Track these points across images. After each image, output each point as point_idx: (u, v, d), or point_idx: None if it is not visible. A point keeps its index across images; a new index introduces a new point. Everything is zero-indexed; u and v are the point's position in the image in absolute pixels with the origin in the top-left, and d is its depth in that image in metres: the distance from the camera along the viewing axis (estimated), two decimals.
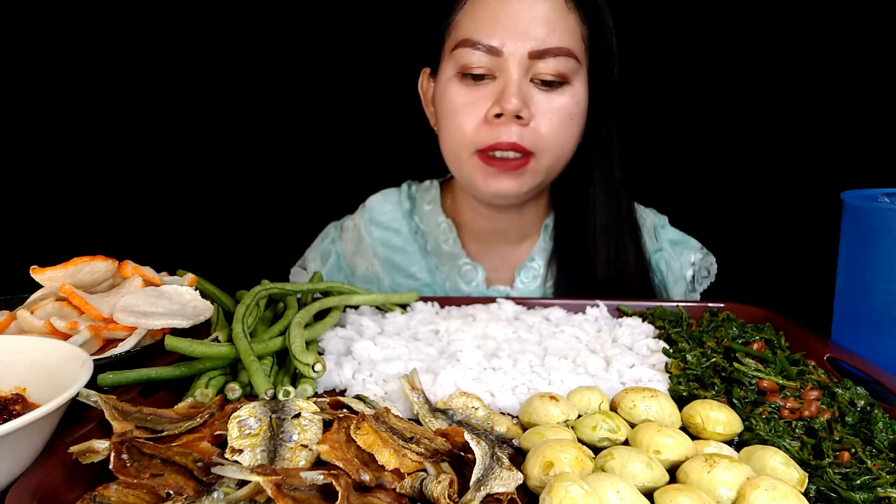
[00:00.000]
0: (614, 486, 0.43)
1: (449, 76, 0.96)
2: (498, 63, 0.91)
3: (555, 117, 0.93)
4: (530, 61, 0.91)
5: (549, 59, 0.91)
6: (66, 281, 0.70)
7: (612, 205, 1.05)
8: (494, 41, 0.90)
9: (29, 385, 0.54)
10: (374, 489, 0.45)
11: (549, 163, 0.96)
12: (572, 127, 0.96)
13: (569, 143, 0.97)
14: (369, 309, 0.85)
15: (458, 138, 0.96)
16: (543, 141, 0.93)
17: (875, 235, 0.72)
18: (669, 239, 1.14)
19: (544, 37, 0.90)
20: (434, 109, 1.04)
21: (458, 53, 0.93)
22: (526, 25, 0.90)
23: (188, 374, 0.63)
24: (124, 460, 0.45)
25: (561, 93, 0.93)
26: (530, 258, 1.08)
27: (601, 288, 1.01)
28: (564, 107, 0.93)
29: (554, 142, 0.94)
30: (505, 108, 0.89)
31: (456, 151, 0.97)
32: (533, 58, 0.90)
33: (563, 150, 0.97)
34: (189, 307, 0.72)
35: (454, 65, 0.94)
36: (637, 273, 1.05)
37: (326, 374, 0.66)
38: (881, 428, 0.55)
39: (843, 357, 0.71)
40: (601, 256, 1.04)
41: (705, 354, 0.70)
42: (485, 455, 0.45)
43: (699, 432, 0.57)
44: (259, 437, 0.48)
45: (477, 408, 0.59)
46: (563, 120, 0.94)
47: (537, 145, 0.93)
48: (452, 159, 1.00)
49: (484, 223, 1.08)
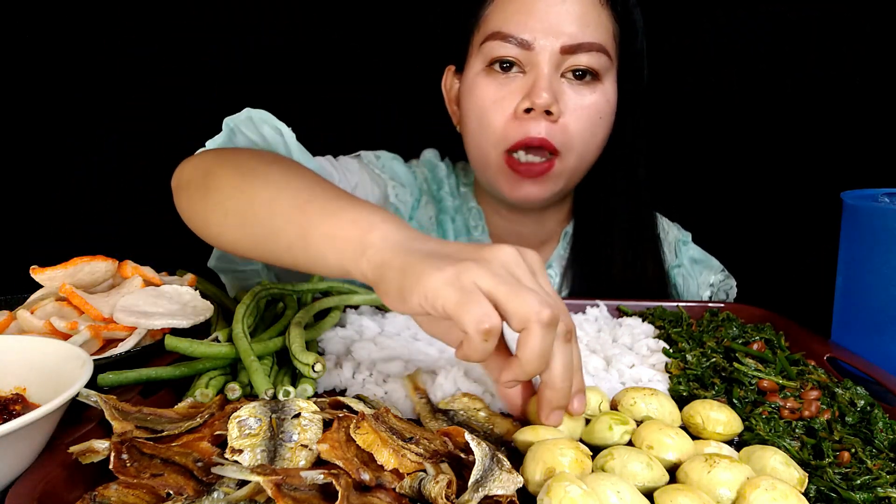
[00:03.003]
0: (614, 486, 0.43)
1: (477, 71, 0.94)
2: (529, 57, 0.90)
3: (584, 114, 0.91)
4: (562, 56, 0.89)
5: (580, 55, 0.89)
6: (66, 281, 0.70)
7: (633, 212, 1.04)
8: (526, 34, 0.89)
9: (29, 385, 0.54)
10: (374, 489, 0.45)
11: (575, 163, 0.94)
12: (601, 126, 0.94)
13: (595, 142, 0.95)
14: (369, 309, 0.85)
15: (486, 135, 0.94)
16: (571, 138, 0.91)
17: (875, 235, 0.72)
18: (691, 256, 1.12)
19: (577, 31, 0.88)
20: (458, 108, 1.02)
21: (488, 47, 0.92)
22: (558, 19, 0.88)
23: (188, 374, 0.63)
24: (124, 460, 0.45)
25: (592, 90, 0.92)
26: (547, 265, 1.07)
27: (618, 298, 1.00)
28: (594, 104, 0.92)
29: (581, 140, 0.92)
30: (535, 102, 0.88)
31: (484, 150, 0.95)
32: (565, 52, 0.89)
33: (589, 150, 0.95)
34: (189, 307, 0.72)
35: (483, 59, 0.93)
36: (655, 284, 1.04)
37: (326, 374, 0.66)
38: (881, 428, 0.55)
39: (843, 357, 0.71)
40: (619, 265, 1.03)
41: (705, 354, 0.70)
42: (485, 456, 0.45)
43: (699, 432, 0.57)
44: (259, 437, 0.48)
45: (479, 409, 0.59)
46: (592, 117, 0.92)
47: (564, 143, 0.91)
48: (479, 159, 0.98)
49: (505, 224, 1.07)
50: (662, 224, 1.13)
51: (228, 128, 0.89)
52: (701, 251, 1.13)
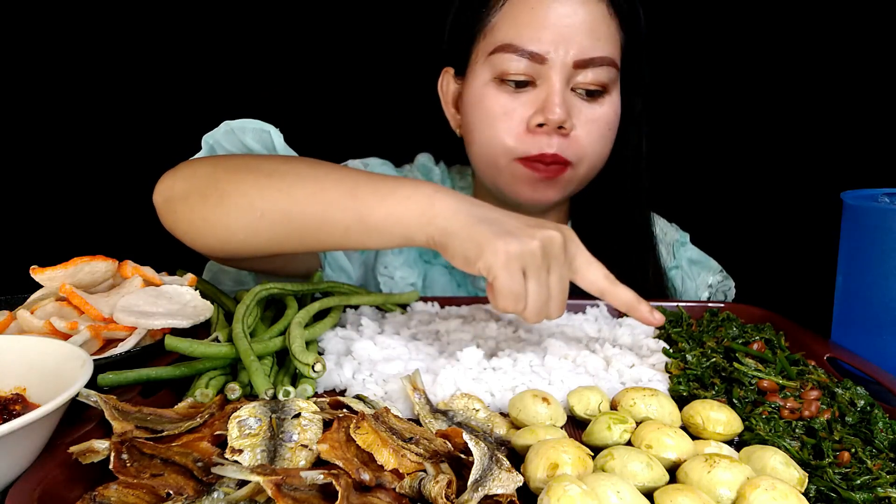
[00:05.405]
0: (614, 486, 0.43)
1: (485, 81, 0.93)
2: (540, 70, 0.89)
3: (595, 127, 0.92)
4: (574, 70, 0.88)
5: (591, 69, 0.89)
6: (66, 281, 0.70)
7: (631, 213, 1.04)
8: (538, 48, 0.87)
9: (29, 385, 0.54)
10: (374, 489, 0.45)
11: (585, 172, 0.95)
12: (610, 136, 0.95)
13: (605, 152, 0.96)
14: (369, 309, 0.85)
15: (495, 146, 0.93)
16: (583, 151, 0.92)
17: (875, 235, 0.72)
18: (689, 257, 1.12)
19: (589, 45, 0.88)
20: (458, 111, 1.01)
21: (497, 59, 0.90)
22: (570, 32, 0.87)
23: (188, 374, 0.63)
24: (124, 460, 0.45)
25: (601, 102, 0.92)
26: None
27: None
28: (604, 116, 0.92)
29: (593, 152, 0.93)
30: (549, 118, 0.87)
31: (493, 158, 0.95)
32: (577, 67, 0.88)
33: (599, 160, 0.96)
34: (189, 307, 0.72)
35: (491, 69, 0.92)
36: (653, 286, 1.04)
37: (326, 374, 0.66)
38: (881, 428, 0.54)
39: (843, 357, 0.71)
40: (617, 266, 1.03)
41: (705, 354, 0.70)
42: (483, 456, 0.45)
43: (699, 432, 0.57)
44: (259, 437, 0.48)
45: (478, 409, 0.59)
46: (602, 129, 0.93)
47: (576, 155, 0.92)
48: (488, 165, 0.97)
49: None
50: (660, 225, 1.13)
51: (208, 144, 0.89)
52: (699, 252, 1.13)
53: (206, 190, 0.75)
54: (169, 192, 0.79)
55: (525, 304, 0.62)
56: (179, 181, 0.79)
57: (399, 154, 1.14)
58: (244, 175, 0.74)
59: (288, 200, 0.71)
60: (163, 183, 0.80)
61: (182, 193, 0.78)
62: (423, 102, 1.09)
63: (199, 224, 0.77)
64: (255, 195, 0.72)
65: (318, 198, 0.70)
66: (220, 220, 0.75)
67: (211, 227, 0.76)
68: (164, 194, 0.80)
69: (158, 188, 0.80)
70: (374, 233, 0.67)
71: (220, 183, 0.75)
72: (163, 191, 0.80)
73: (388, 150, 1.12)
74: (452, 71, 1.02)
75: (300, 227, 0.71)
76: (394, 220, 0.66)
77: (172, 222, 0.80)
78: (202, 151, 0.89)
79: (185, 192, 0.77)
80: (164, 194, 0.80)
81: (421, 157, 1.14)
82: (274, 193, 0.71)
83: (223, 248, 0.78)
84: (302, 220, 0.71)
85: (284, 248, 0.76)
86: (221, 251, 0.80)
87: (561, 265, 0.64)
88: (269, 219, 0.72)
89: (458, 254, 0.63)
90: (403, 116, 1.42)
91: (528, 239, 0.61)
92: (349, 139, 1.38)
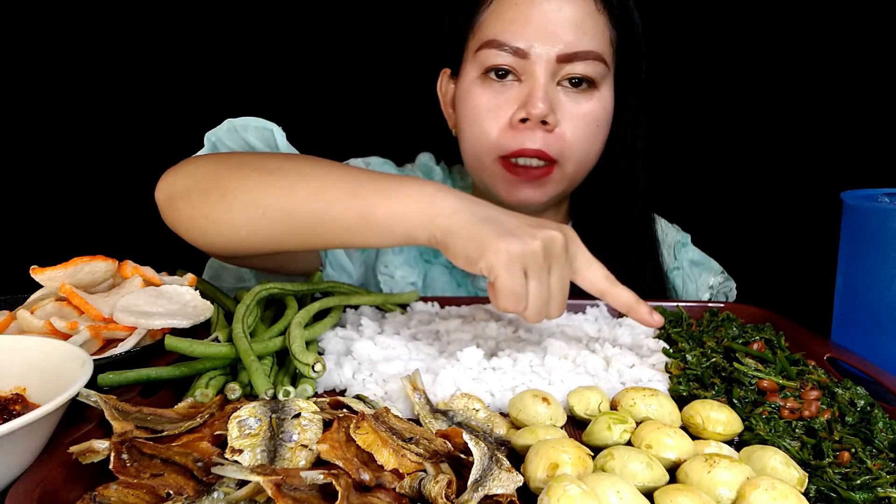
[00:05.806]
0: (614, 485, 0.43)
1: (472, 78, 0.94)
2: (524, 65, 0.89)
3: (581, 123, 0.91)
4: (558, 65, 0.88)
5: (577, 63, 0.89)
6: (66, 281, 0.70)
7: (631, 214, 1.03)
8: (521, 43, 0.88)
9: (29, 385, 0.54)
10: (374, 489, 0.45)
11: (573, 170, 0.94)
12: (598, 133, 0.94)
13: (594, 149, 0.95)
14: (369, 309, 0.85)
15: (480, 143, 0.93)
16: (569, 147, 0.91)
17: (875, 235, 0.72)
18: (690, 259, 1.11)
19: (573, 40, 0.88)
20: (454, 112, 1.02)
21: (483, 55, 0.91)
22: (555, 27, 0.87)
23: (188, 374, 0.63)
24: (124, 460, 0.45)
25: (588, 98, 0.91)
26: None
27: None
28: (591, 112, 0.92)
29: (579, 148, 0.92)
30: (531, 112, 0.87)
31: (478, 156, 0.95)
32: (561, 61, 0.88)
33: (587, 158, 0.95)
34: (189, 307, 0.72)
35: (478, 66, 0.92)
36: (654, 287, 1.04)
37: (326, 374, 0.66)
38: (881, 428, 0.54)
39: (843, 357, 0.71)
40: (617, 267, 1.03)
41: (705, 354, 0.70)
42: (483, 456, 0.45)
43: (699, 432, 0.57)
44: (259, 437, 0.48)
45: (478, 409, 0.59)
46: (589, 126, 0.92)
47: (562, 152, 0.91)
48: (474, 164, 0.98)
49: None
50: (661, 225, 1.13)
51: (210, 142, 0.89)
52: (700, 253, 1.13)
53: (209, 187, 0.75)
54: (171, 189, 0.79)
55: (526, 304, 0.62)
56: (182, 178, 0.79)
57: (400, 153, 1.15)
58: (247, 172, 0.74)
59: (290, 198, 0.71)
60: (165, 180, 0.80)
61: (184, 190, 0.78)
62: (425, 102, 1.09)
63: (201, 221, 0.77)
64: (258, 193, 0.72)
65: (320, 196, 0.70)
66: (223, 217, 0.75)
67: (213, 224, 0.76)
68: (167, 191, 0.80)
69: (160, 185, 0.81)
70: (375, 231, 0.68)
71: (222, 180, 0.75)
72: (165, 188, 0.80)
73: (389, 150, 1.12)
74: (449, 72, 1.03)
75: (302, 224, 0.71)
76: (396, 218, 0.66)
77: (174, 219, 0.80)
78: (204, 149, 0.89)
79: (187, 190, 0.78)
80: (166, 191, 0.80)
81: (422, 156, 1.14)
82: (276, 191, 0.71)
83: (225, 246, 0.78)
84: (304, 218, 0.71)
85: (286, 246, 0.76)
86: (223, 248, 0.80)
87: (562, 265, 0.65)
88: (271, 216, 0.72)
89: (460, 253, 0.63)
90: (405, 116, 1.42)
91: (530, 239, 0.61)
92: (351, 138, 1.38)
